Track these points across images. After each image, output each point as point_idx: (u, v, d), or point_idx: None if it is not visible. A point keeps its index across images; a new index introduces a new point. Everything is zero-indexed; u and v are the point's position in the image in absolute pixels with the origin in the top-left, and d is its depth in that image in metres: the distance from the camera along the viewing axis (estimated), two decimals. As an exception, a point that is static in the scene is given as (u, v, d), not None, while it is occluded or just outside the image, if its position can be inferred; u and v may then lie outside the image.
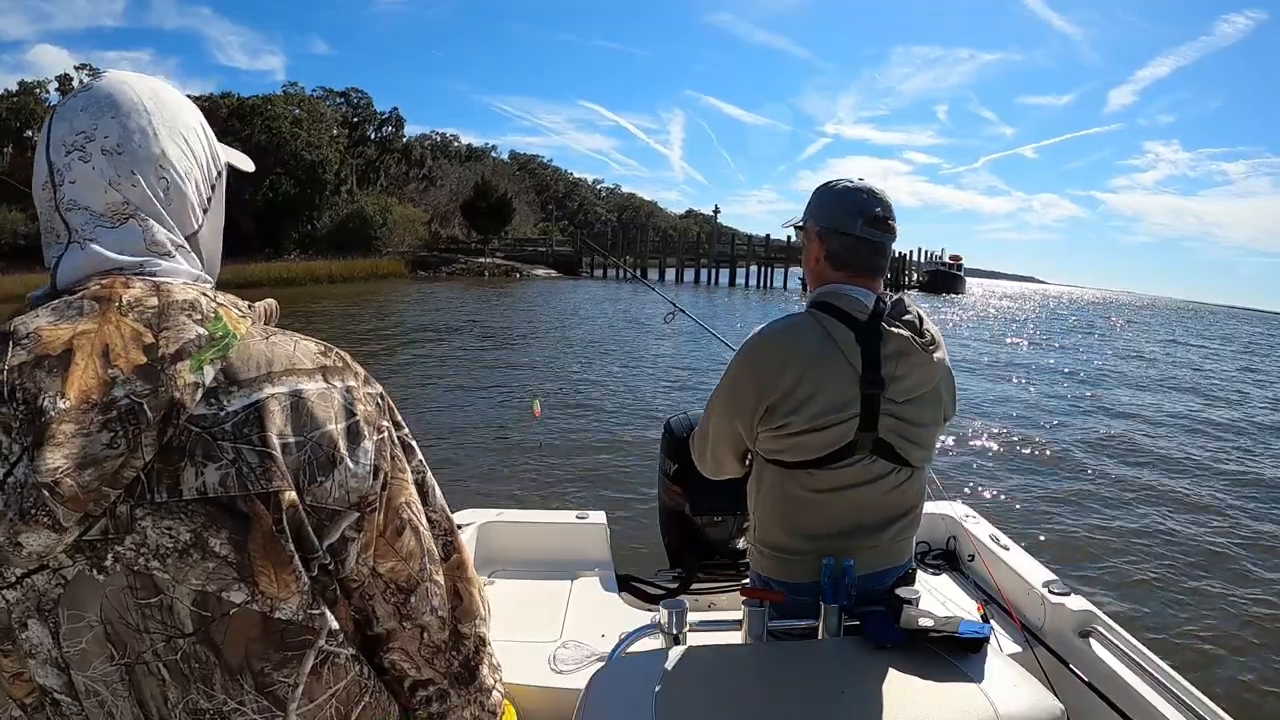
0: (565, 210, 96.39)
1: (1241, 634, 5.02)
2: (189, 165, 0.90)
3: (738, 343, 1.79)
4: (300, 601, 0.79)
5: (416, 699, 0.97)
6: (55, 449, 0.67)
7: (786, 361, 1.63)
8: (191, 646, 0.76)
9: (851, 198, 1.70)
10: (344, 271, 40.60)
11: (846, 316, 1.65)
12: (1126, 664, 2.23)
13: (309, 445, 0.79)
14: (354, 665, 0.86)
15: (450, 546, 0.98)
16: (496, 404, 11.25)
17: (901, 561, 1.78)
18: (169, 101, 0.90)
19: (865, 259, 1.70)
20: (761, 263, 60.50)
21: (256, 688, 0.79)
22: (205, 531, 0.74)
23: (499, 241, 59.71)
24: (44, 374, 0.70)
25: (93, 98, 0.85)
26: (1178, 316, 76.39)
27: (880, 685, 1.43)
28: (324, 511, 0.81)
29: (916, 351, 1.66)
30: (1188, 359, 26.27)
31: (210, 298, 0.82)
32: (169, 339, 0.74)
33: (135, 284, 0.78)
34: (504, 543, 3.06)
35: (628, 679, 1.44)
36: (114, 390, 0.70)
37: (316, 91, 63.23)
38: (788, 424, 1.63)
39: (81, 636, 0.74)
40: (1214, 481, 8.99)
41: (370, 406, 0.87)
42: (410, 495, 0.91)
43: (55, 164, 0.83)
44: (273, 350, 0.82)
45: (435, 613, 0.94)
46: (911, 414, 1.67)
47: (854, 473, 1.66)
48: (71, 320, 0.74)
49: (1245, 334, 50.64)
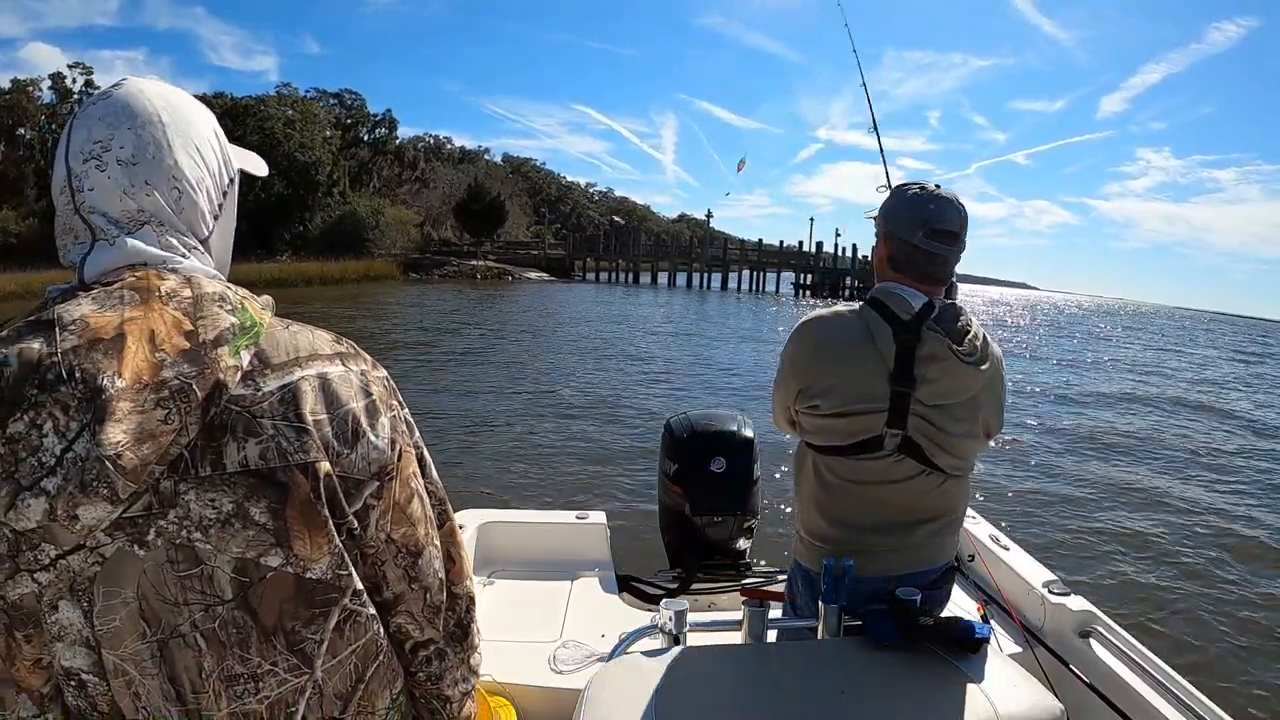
0: (558, 213, 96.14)
1: (1242, 634, 5.03)
2: (201, 174, 0.94)
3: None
4: (330, 562, 0.86)
5: (418, 659, 1.04)
6: (116, 424, 0.72)
7: (821, 346, 1.74)
8: (230, 613, 0.81)
9: (918, 208, 1.70)
10: (336, 273, 40.47)
11: (891, 315, 1.68)
12: (1126, 664, 2.23)
13: (336, 421, 0.87)
14: (373, 624, 0.93)
15: (444, 514, 1.06)
16: (494, 404, 11.27)
17: (937, 564, 1.80)
18: (184, 112, 0.93)
19: (922, 267, 1.71)
20: (753, 267, 60.46)
21: (287, 646, 0.85)
22: (246, 501, 0.80)
23: (491, 244, 59.58)
24: (100, 355, 0.74)
25: (111, 106, 0.88)
26: (1171, 324, 76.09)
27: (880, 685, 1.44)
28: (350, 480, 0.88)
29: (951, 359, 1.67)
30: (1186, 364, 26.39)
31: (234, 291, 0.87)
32: (207, 326, 0.80)
33: (169, 277, 0.83)
34: (504, 543, 3.06)
35: (628, 679, 1.43)
36: (164, 372, 0.76)
37: (310, 92, 63.21)
38: (818, 405, 1.70)
39: (116, 614, 0.78)
40: (1214, 482, 9.01)
41: (381, 388, 0.95)
42: (415, 467, 0.99)
43: (74, 170, 0.87)
44: (296, 339, 0.89)
45: (436, 574, 1.02)
46: (941, 420, 1.68)
47: (881, 467, 1.69)
48: (116, 308, 0.78)
49: (1240, 341, 50.61)
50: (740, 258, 62.75)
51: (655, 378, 14.61)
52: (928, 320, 1.67)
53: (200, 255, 0.93)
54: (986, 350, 1.73)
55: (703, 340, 22.57)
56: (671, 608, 1.69)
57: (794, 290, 59.11)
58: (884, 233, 1.76)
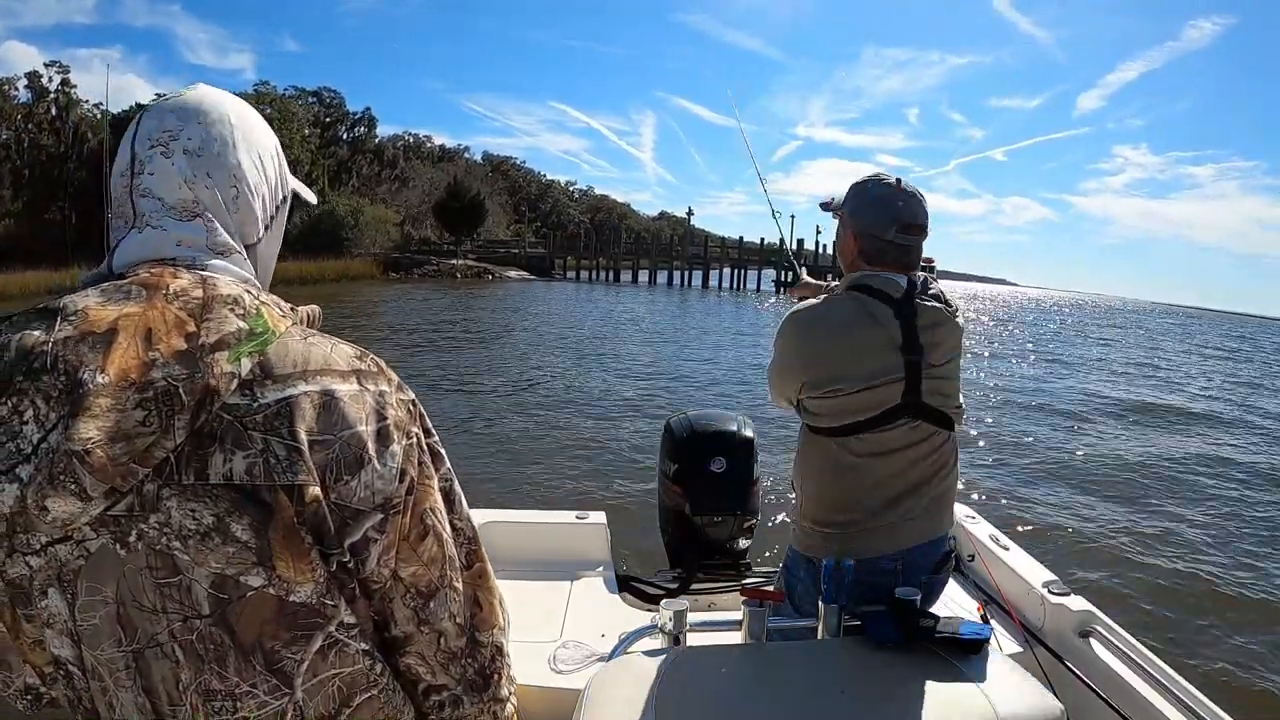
0: (538, 212, 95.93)
1: (1242, 634, 5.03)
2: (259, 180, 0.95)
3: None
4: (315, 588, 0.82)
5: (430, 703, 0.99)
6: (90, 420, 0.70)
7: (827, 334, 1.78)
8: (208, 628, 0.78)
9: (888, 208, 1.80)
10: (314, 273, 40.05)
11: (884, 296, 1.77)
12: (1126, 664, 2.23)
13: (338, 444, 0.82)
14: (364, 659, 0.88)
15: (473, 555, 1.00)
16: (491, 404, 11.23)
17: (938, 534, 1.86)
18: (252, 121, 0.96)
19: (896, 259, 1.82)
20: (734, 265, 60.59)
21: (266, 666, 0.81)
22: (228, 516, 0.76)
23: (471, 243, 59.41)
24: (87, 349, 0.73)
25: (185, 103, 0.90)
26: (1153, 320, 76.48)
27: (880, 686, 1.44)
28: (348, 510, 0.83)
29: (948, 319, 1.82)
30: (1181, 361, 26.52)
31: (254, 295, 0.85)
32: (210, 329, 0.78)
33: (183, 275, 0.82)
34: (504, 543, 3.03)
35: (628, 679, 1.42)
36: (152, 372, 0.73)
37: (288, 91, 62.67)
38: (839, 389, 1.74)
39: (96, 611, 0.77)
40: (1214, 480, 9.03)
41: (402, 412, 0.90)
42: (435, 501, 0.94)
43: (139, 154, 0.87)
44: (309, 350, 0.85)
45: (453, 619, 0.96)
46: (946, 373, 1.82)
47: (899, 435, 1.77)
48: (119, 303, 0.77)
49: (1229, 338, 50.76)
50: (721, 255, 62.85)
51: (650, 376, 14.60)
52: (915, 295, 1.79)
53: (242, 260, 0.92)
54: (956, 304, 1.88)
55: (691, 337, 22.63)
56: (671, 608, 1.70)
57: (774, 287, 59.27)
58: (854, 230, 1.84)
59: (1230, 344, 42.63)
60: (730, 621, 1.82)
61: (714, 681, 1.45)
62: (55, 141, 48.82)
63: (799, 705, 1.38)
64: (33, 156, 47.66)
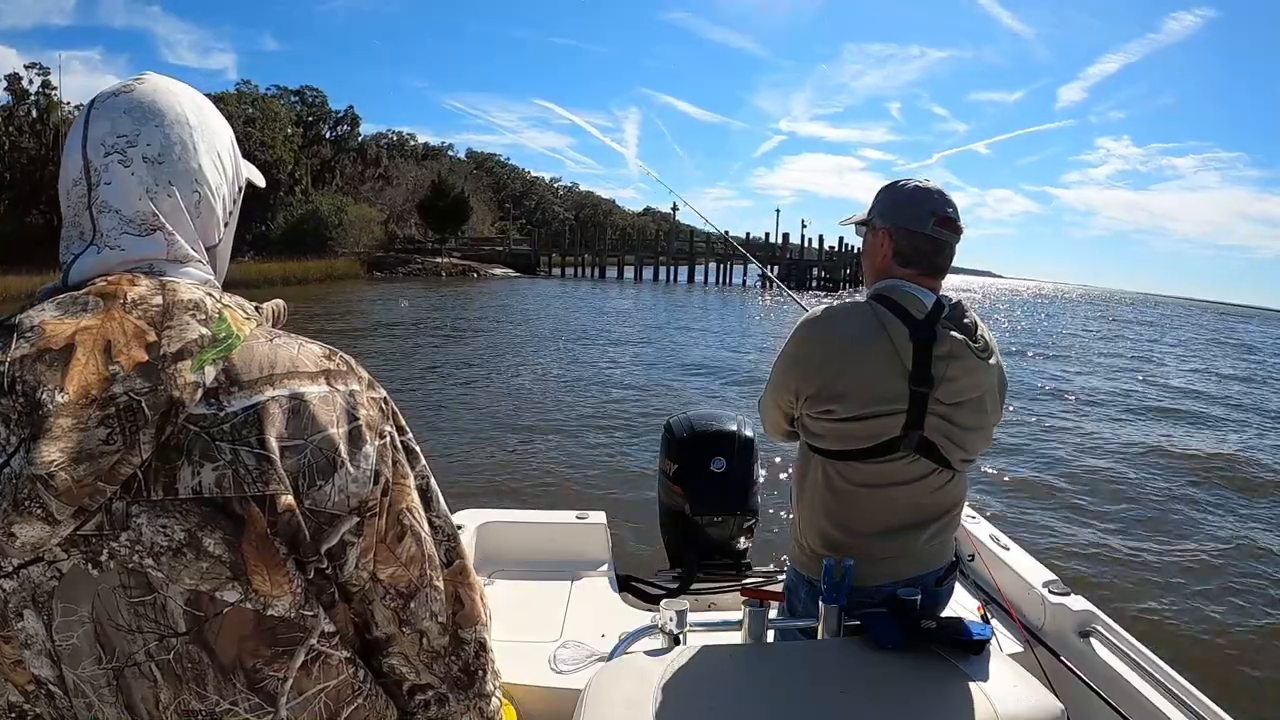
0: (523, 209, 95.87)
1: (1242, 633, 5.04)
2: (220, 181, 0.92)
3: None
4: (293, 601, 0.79)
5: (415, 702, 0.97)
6: (51, 442, 0.67)
7: (834, 347, 1.68)
8: (185, 646, 0.76)
9: (925, 199, 1.72)
10: (298, 273, 39.93)
11: (904, 313, 1.66)
12: (1126, 664, 2.23)
13: (309, 449, 0.79)
14: (347, 668, 0.86)
15: (452, 552, 0.98)
16: (486, 404, 11.22)
17: (939, 565, 1.80)
18: (209, 118, 0.92)
19: (931, 258, 1.73)
20: (720, 260, 60.80)
21: (248, 685, 0.79)
22: (200, 531, 0.74)
23: (455, 241, 59.34)
24: (44, 368, 0.70)
25: (136, 101, 0.85)
26: (1135, 310, 76.94)
27: (880, 686, 1.44)
28: (323, 515, 0.80)
29: (969, 356, 1.68)
30: (1175, 353, 26.55)
31: (215, 298, 0.82)
32: (171, 338, 0.74)
33: (141, 282, 0.79)
34: (504, 543, 3.05)
35: (628, 679, 1.43)
36: (113, 387, 0.70)
37: (270, 90, 62.44)
38: (832, 410, 1.65)
39: (74, 631, 0.75)
40: (1214, 480, 9.02)
41: (374, 411, 0.87)
42: (412, 501, 0.91)
43: (92, 163, 0.83)
44: (275, 353, 0.82)
45: (435, 618, 0.94)
46: (957, 417, 1.68)
47: (896, 469, 1.68)
48: (76, 315, 0.74)
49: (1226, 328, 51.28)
50: (707, 251, 63.05)
51: (646, 374, 14.59)
52: (941, 318, 1.67)
53: (201, 265, 0.89)
54: (990, 343, 1.75)
55: (683, 334, 22.67)
56: (671, 608, 1.71)
57: (761, 283, 59.67)
58: (887, 229, 1.75)
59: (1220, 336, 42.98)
60: (730, 621, 1.82)
61: (714, 681, 1.45)
62: (36, 144, 48.21)
63: (799, 705, 1.38)
64: (13, 159, 47.18)
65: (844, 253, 60.29)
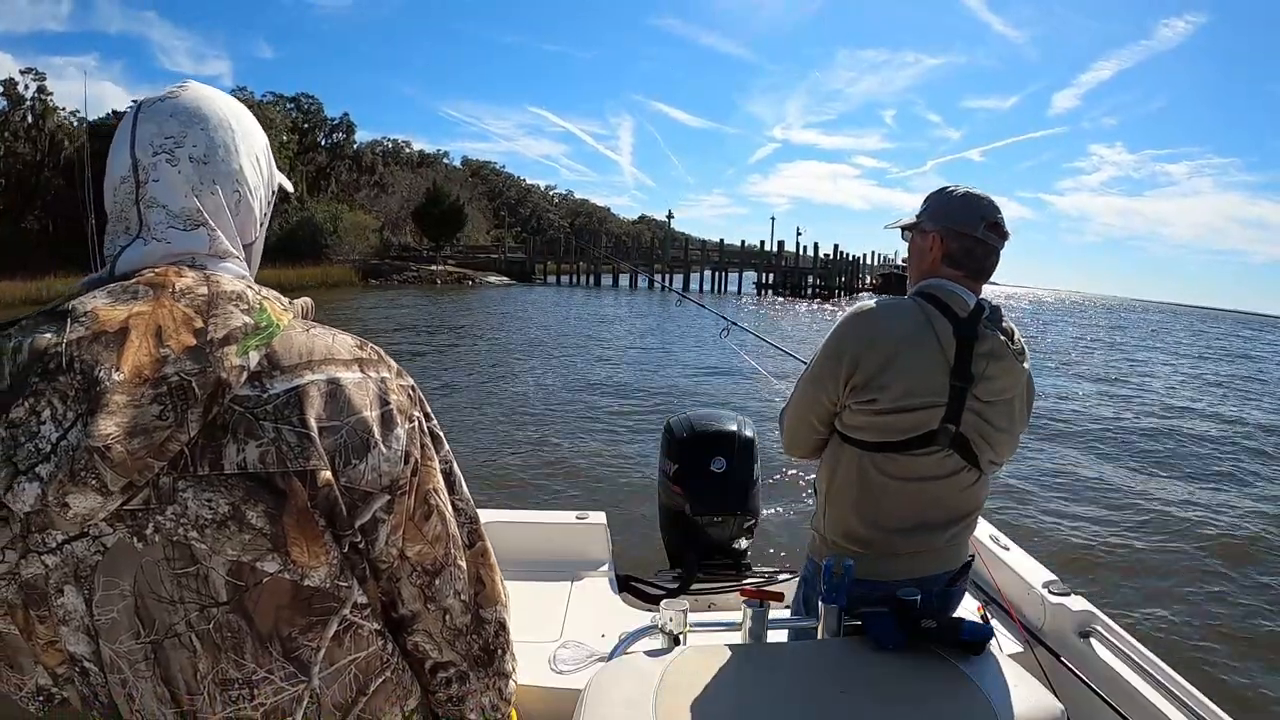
0: (518, 217, 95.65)
1: (1242, 634, 5.04)
2: (258, 183, 0.98)
3: (802, 353, 1.81)
4: (329, 571, 0.84)
5: (437, 680, 1.02)
6: (108, 417, 0.72)
7: (883, 335, 1.70)
8: (225, 616, 0.81)
9: (976, 204, 1.77)
10: (293, 280, 39.47)
11: (949, 310, 1.71)
12: (1126, 664, 2.23)
13: (345, 429, 0.84)
14: (376, 639, 0.91)
15: (474, 534, 1.04)
16: (484, 406, 11.23)
17: (955, 566, 1.83)
18: (248, 123, 0.97)
19: (980, 260, 1.77)
20: (715, 267, 60.71)
21: (284, 653, 0.84)
22: (243, 504, 0.78)
23: (451, 248, 59.17)
24: (101, 348, 0.74)
25: (182, 106, 0.90)
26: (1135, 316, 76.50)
27: (880, 686, 1.44)
28: (357, 492, 0.85)
29: (1008, 357, 1.73)
30: (1173, 358, 26.57)
31: (256, 291, 0.87)
32: (218, 324, 0.79)
33: (187, 273, 0.83)
34: (504, 543, 2.97)
35: (628, 679, 1.44)
36: (165, 368, 0.75)
37: (266, 97, 62.10)
38: (876, 399, 1.67)
39: (114, 605, 0.79)
40: (1213, 481, 9.05)
41: (403, 397, 0.93)
42: (438, 482, 0.97)
43: (141, 161, 0.87)
44: (313, 341, 0.87)
45: (458, 596, 1.00)
46: (991, 415, 1.73)
47: (929, 463, 1.71)
48: (127, 303, 0.78)
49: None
50: (702, 258, 62.95)
51: (645, 377, 14.59)
52: (982, 318, 1.72)
53: (239, 261, 0.94)
54: (1024, 347, 1.80)
55: (678, 338, 22.62)
56: (671, 608, 1.71)
57: (756, 289, 59.62)
58: (938, 232, 1.78)
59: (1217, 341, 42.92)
60: (730, 622, 1.82)
61: (714, 681, 1.45)
62: (31, 149, 47.96)
63: (799, 705, 1.38)
64: (9, 165, 46.88)
65: (839, 261, 60.41)
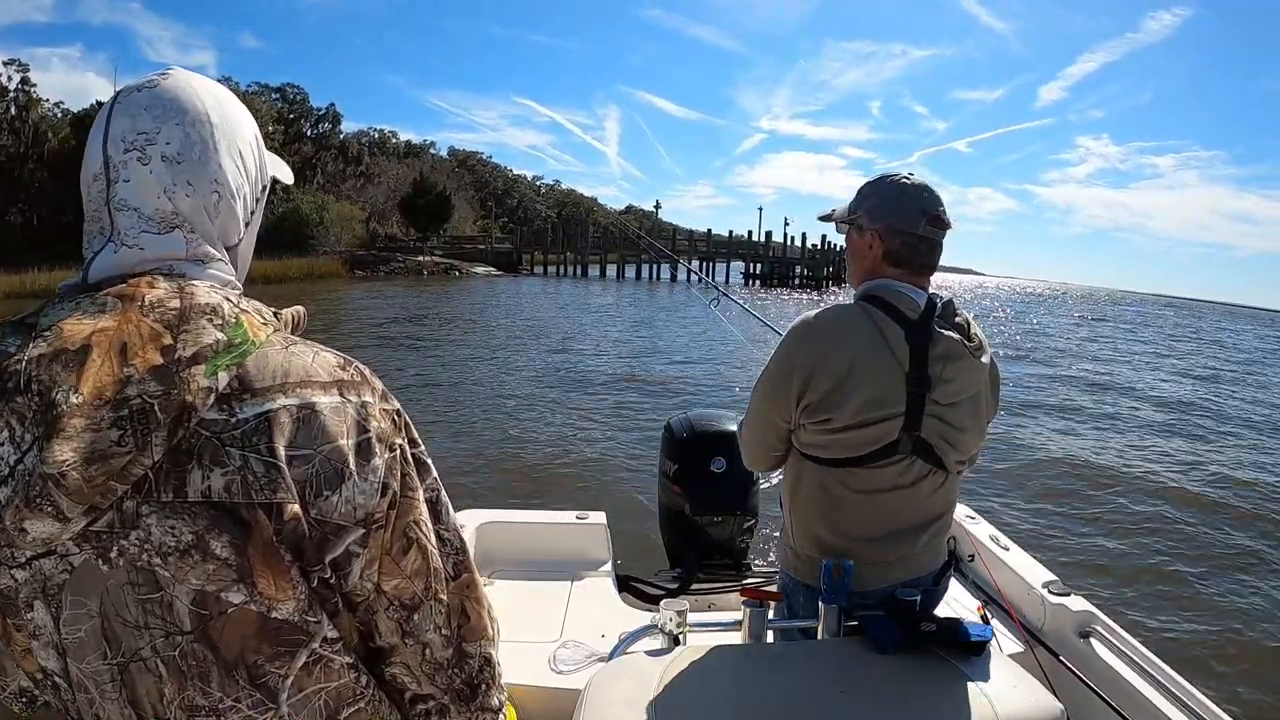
0: (504, 207, 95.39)
1: (1242, 634, 5.05)
2: (240, 181, 0.91)
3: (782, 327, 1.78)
4: (297, 605, 0.80)
5: (416, 711, 0.97)
6: (64, 442, 0.68)
7: (832, 351, 1.62)
8: (190, 645, 0.77)
9: (915, 197, 1.69)
10: (279, 272, 39.21)
11: (898, 314, 1.63)
12: (1126, 664, 2.24)
13: (318, 459, 0.79)
14: (349, 673, 0.86)
15: (460, 566, 0.98)
16: (481, 404, 11.20)
17: (934, 569, 1.79)
18: (231, 114, 0.91)
19: (923, 256, 1.69)
20: (702, 258, 60.79)
21: (250, 680, 0.79)
22: (207, 534, 0.74)
23: (438, 239, 59.00)
24: (60, 368, 0.71)
25: (158, 97, 0.85)
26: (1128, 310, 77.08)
27: (880, 686, 1.44)
28: (329, 525, 0.81)
29: (965, 355, 1.66)
30: (1164, 352, 26.57)
31: (234, 303, 0.82)
32: (187, 341, 0.75)
33: (160, 284, 0.79)
34: (504, 543, 3.05)
35: (628, 679, 1.43)
36: (127, 389, 0.71)
37: (251, 87, 61.74)
38: (831, 419, 1.61)
39: (81, 625, 0.76)
40: (1213, 481, 9.06)
41: (385, 423, 0.87)
42: (420, 514, 0.91)
43: (112, 159, 0.83)
44: (290, 361, 0.82)
45: (438, 631, 0.94)
46: (954, 417, 1.66)
47: (893, 473, 1.65)
48: (93, 316, 0.75)
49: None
50: (689, 249, 62.96)
51: (643, 373, 14.53)
52: (934, 318, 1.65)
53: (222, 265, 0.89)
54: (982, 340, 1.73)
55: (670, 330, 22.69)
56: (671, 608, 1.71)
57: (743, 280, 59.82)
58: (876, 230, 1.70)
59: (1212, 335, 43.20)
60: (730, 621, 1.83)
61: (714, 681, 1.46)
62: (15, 141, 47.45)
63: (799, 705, 1.38)
64: (-8, 157, 46.46)
65: (826, 251, 60.42)
